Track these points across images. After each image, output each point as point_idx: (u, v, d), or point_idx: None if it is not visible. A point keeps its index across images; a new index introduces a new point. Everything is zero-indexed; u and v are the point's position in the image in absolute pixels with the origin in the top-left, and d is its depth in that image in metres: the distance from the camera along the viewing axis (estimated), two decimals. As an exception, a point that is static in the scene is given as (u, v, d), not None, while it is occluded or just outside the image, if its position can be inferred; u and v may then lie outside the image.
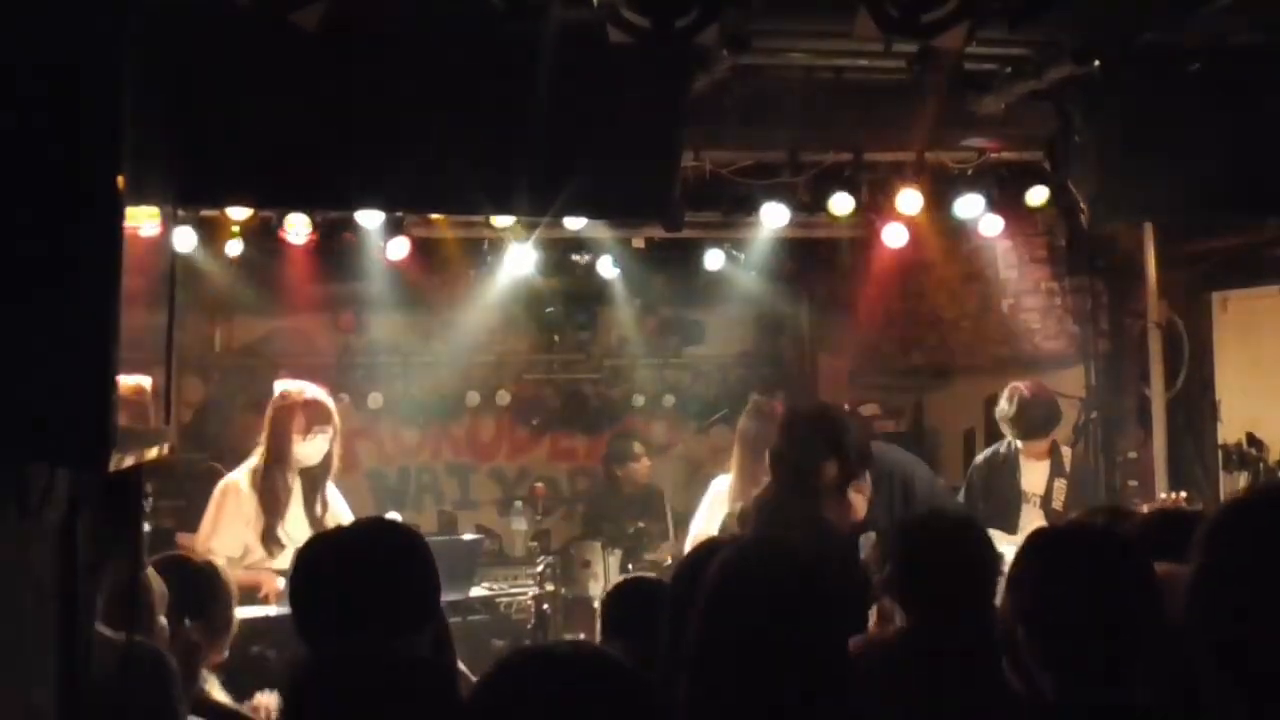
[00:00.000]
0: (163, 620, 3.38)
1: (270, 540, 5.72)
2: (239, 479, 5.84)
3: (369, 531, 3.12)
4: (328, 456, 5.90)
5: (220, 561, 5.28)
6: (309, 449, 5.83)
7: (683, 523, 7.54)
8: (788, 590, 2.53)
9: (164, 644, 3.36)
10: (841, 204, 6.65)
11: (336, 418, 5.96)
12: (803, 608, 2.52)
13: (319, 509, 5.88)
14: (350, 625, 2.71)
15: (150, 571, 3.54)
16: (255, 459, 5.87)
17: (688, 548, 7.15)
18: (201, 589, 3.70)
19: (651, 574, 5.90)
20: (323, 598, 2.86)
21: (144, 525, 2.91)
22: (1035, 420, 7.06)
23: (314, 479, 5.91)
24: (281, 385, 6.02)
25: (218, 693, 3.62)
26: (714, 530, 6.97)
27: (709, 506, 7.20)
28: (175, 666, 3.06)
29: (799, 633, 2.48)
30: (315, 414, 5.85)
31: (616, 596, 4.10)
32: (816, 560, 2.70)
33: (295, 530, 5.75)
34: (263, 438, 5.88)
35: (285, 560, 5.50)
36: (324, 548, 3.09)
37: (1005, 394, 7.19)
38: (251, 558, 5.71)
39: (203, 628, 3.59)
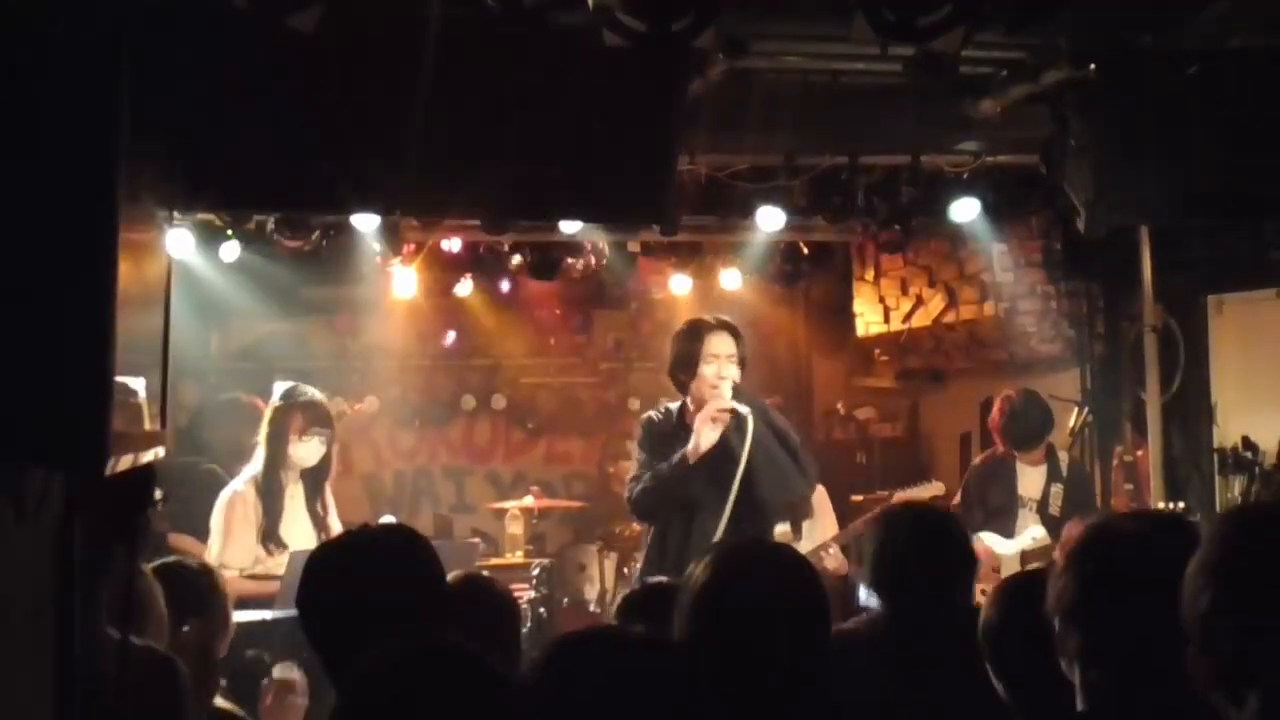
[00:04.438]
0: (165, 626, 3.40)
1: (271, 541, 5.71)
2: (243, 488, 5.83)
3: (380, 535, 3.12)
4: (326, 458, 5.91)
5: (232, 573, 5.32)
6: (306, 450, 5.83)
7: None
8: (773, 588, 2.54)
9: (167, 648, 3.37)
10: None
11: (334, 420, 5.98)
12: (788, 606, 2.53)
13: (320, 509, 5.90)
14: (363, 628, 2.70)
15: (150, 575, 3.54)
16: (255, 464, 5.87)
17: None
18: (201, 592, 3.71)
19: (665, 579, 5.89)
20: (336, 603, 2.86)
21: (149, 527, 2.90)
22: (1025, 431, 7.06)
23: (315, 479, 5.92)
24: (279, 387, 6.03)
25: (220, 699, 3.62)
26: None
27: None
28: (183, 670, 3.05)
29: (784, 630, 2.49)
30: (312, 415, 5.86)
31: (631, 602, 4.11)
32: (803, 557, 2.72)
33: (296, 531, 5.75)
34: (261, 440, 5.88)
35: (284, 561, 5.49)
36: (337, 551, 3.09)
37: (997, 403, 7.20)
38: (255, 565, 5.70)
39: (205, 630, 3.61)
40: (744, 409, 5.42)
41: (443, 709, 2.18)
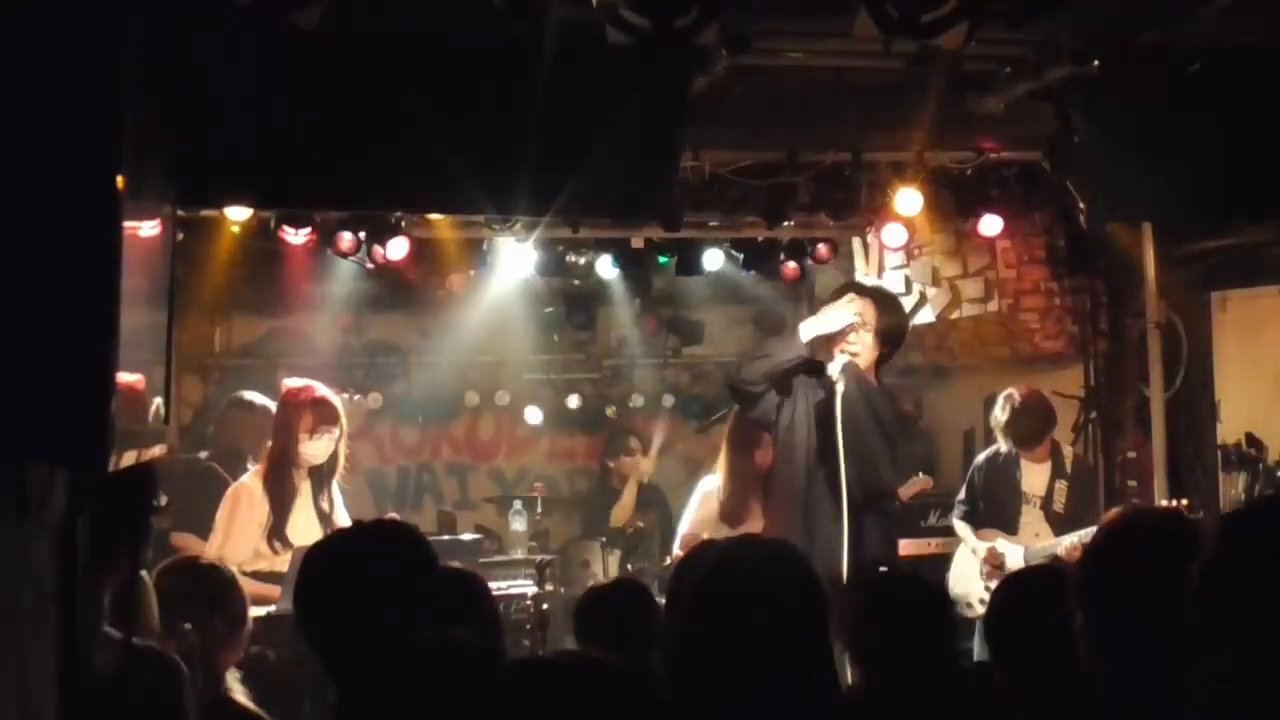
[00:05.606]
0: (185, 624, 3.41)
1: (277, 539, 5.71)
2: (251, 482, 5.83)
3: (373, 532, 3.13)
4: (334, 456, 5.90)
5: (231, 566, 5.32)
6: (315, 448, 5.82)
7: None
8: (776, 586, 2.53)
9: (179, 646, 3.38)
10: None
11: (344, 418, 5.96)
12: (790, 603, 2.53)
13: (326, 506, 5.89)
14: (360, 625, 2.70)
15: (159, 573, 3.55)
16: (263, 459, 5.87)
17: (676, 547, 7.20)
18: (217, 589, 3.73)
19: (625, 578, 5.89)
20: (331, 599, 2.86)
21: (150, 525, 2.91)
22: (1027, 430, 7.05)
23: (321, 477, 5.91)
24: (290, 384, 6.02)
25: (239, 694, 3.63)
26: (701, 530, 6.99)
27: (697, 507, 7.21)
28: (184, 670, 3.06)
29: (786, 628, 2.48)
30: (322, 414, 5.85)
31: (586, 603, 4.12)
32: (803, 556, 2.71)
33: (302, 529, 5.74)
34: (270, 438, 5.88)
35: (289, 558, 5.49)
36: (330, 549, 3.10)
37: (1000, 400, 7.19)
38: (259, 561, 5.70)
39: (221, 627, 3.62)
40: (836, 370, 5.35)
41: (460, 705, 2.16)
